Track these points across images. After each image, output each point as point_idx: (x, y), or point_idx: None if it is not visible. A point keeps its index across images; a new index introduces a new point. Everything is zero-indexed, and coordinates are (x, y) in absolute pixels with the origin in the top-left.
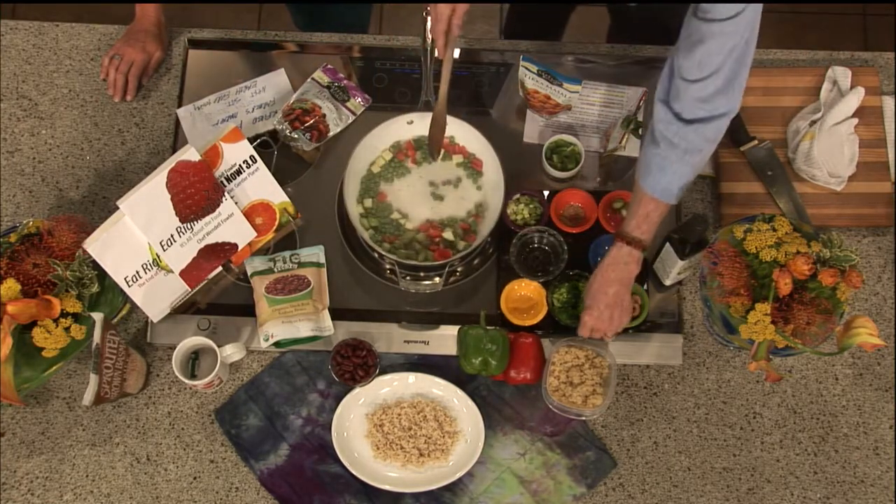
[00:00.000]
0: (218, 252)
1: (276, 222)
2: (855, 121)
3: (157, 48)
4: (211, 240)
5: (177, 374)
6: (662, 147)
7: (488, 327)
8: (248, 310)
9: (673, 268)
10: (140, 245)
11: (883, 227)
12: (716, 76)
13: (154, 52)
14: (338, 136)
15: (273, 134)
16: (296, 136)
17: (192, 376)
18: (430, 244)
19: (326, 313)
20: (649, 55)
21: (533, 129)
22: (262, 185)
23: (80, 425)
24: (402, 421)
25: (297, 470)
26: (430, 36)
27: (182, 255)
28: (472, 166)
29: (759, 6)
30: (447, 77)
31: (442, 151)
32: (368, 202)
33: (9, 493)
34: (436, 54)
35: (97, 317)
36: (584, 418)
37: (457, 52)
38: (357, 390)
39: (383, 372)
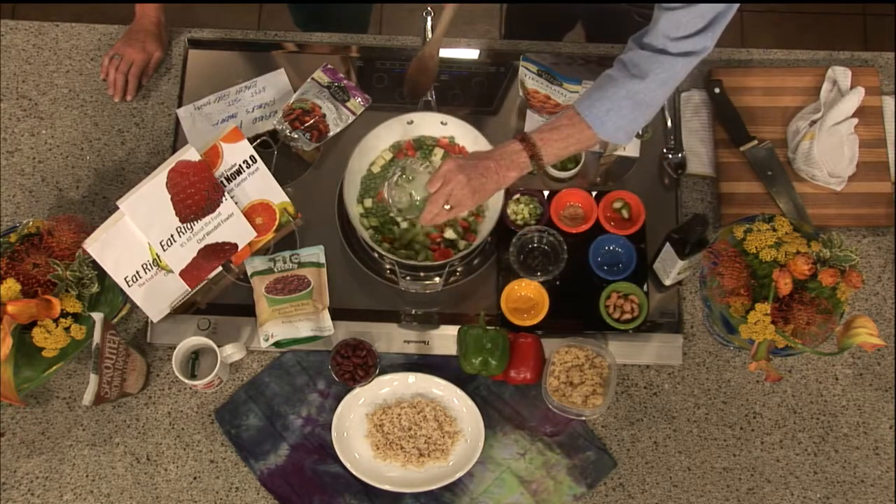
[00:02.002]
0: (218, 252)
1: (276, 222)
2: (855, 121)
3: (157, 48)
4: (211, 240)
5: (177, 374)
6: (613, 69)
7: (488, 327)
8: (248, 310)
9: (673, 268)
10: (140, 245)
11: (883, 227)
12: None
13: (154, 52)
14: (338, 136)
15: (273, 134)
16: (296, 136)
17: (192, 376)
18: (431, 244)
19: (326, 313)
20: None
21: (533, 129)
22: (262, 185)
23: (80, 425)
24: (402, 421)
25: (297, 470)
26: (429, 35)
27: (182, 255)
28: None
29: None
30: (447, 22)
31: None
32: (368, 202)
33: (9, 493)
34: None
35: (97, 317)
36: (584, 418)
37: (457, 52)
38: (357, 390)
39: (383, 372)
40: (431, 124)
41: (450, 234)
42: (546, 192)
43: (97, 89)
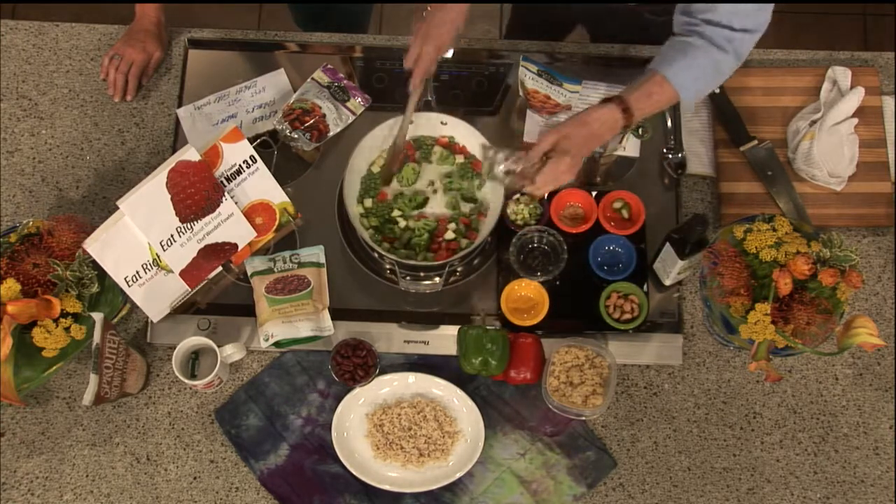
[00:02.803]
0: (218, 252)
1: (276, 222)
2: (855, 121)
3: (157, 48)
4: (211, 240)
5: (177, 374)
6: (691, 38)
7: (488, 327)
8: (248, 310)
9: (673, 268)
10: (140, 245)
11: (883, 227)
12: None
13: (154, 52)
14: (338, 136)
15: (273, 134)
16: (296, 136)
17: (192, 376)
18: (432, 243)
19: (326, 313)
20: (649, 55)
21: (533, 129)
22: (262, 185)
23: (80, 425)
24: (402, 421)
25: (297, 470)
26: (409, 64)
27: (182, 255)
28: (472, 166)
29: None
30: (412, 108)
31: (405, 168)
32: (368, 202)
33: (9, 493)
34: (411, 86)
35: (97, 317)
36: (584, 418)
37: (456, 53)
38: (357, 390)
39: (383, 372)
40: (431, 124)
41: (450, 233)
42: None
43: (97, 89)
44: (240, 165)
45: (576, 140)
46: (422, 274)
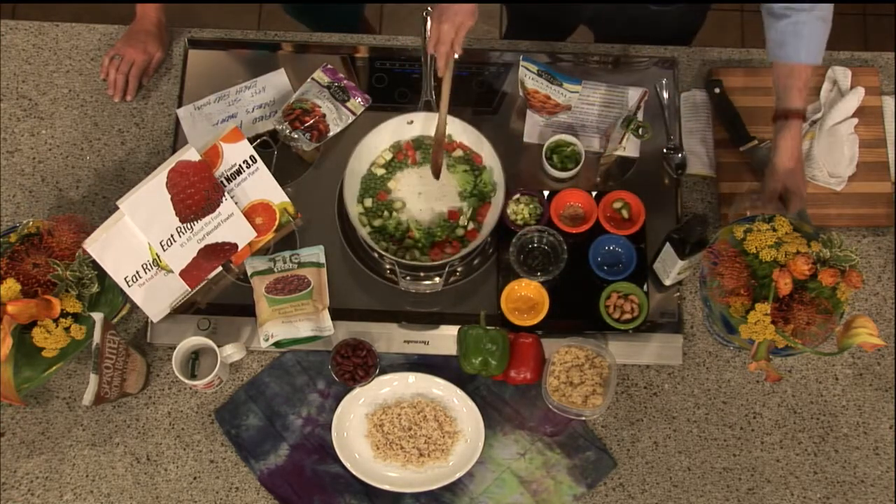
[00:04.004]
0: (218, 252)
1: (276, 222)
2: (855, 121)
3: (158, 49)
4: (211, 240)
5: (177, 374)
6: (791, 16)
7: (488, 327)
8: (248, 310)
9: (673, 268)
10: (140, 245)
11: (883, 227)
12: None
13: (155, 53)
14: (338, 136)
15: (273, 134)
16: (296, 136)
17: (192, 376)
18: (433, 246)
19: (326, 313)
20: (649, 55)
21: (533, 129)
22: (262, 185)
23: (80, 425)
24: (402, 421)
25: (297, 470)
26: (431, 49)
27: (182, 255)
28: (473, 160)
29: None
30: (447, 97)
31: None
32: (368, 202)
33: (9, 493)
34: (438, 73)
35: (97, 317)
36: (584, 418)
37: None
38: (357, 390)
39: (383, 372)
40: (431, 124)
41: (459, 230)
42: (546, 192)
43: (97, 89)
44: (240, 165)
45: (799, 174)
46: (422, 274)
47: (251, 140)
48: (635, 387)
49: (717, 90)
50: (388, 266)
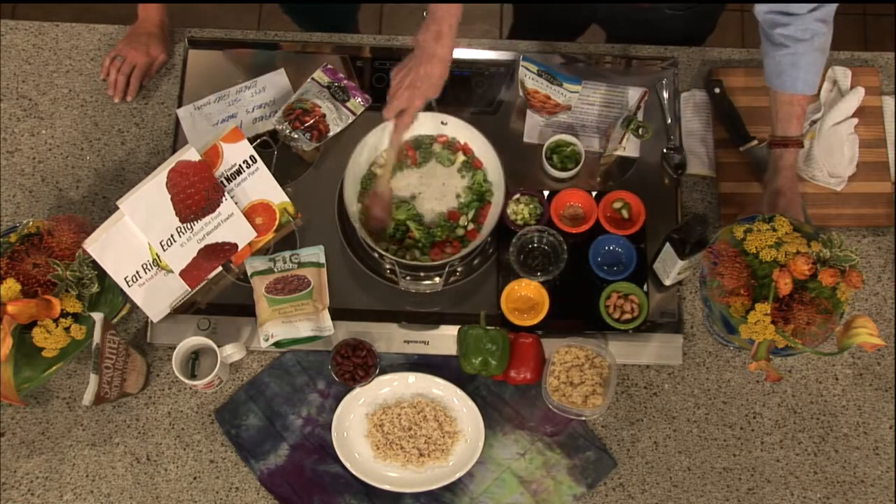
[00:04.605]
0: (218, 252)
1: (276, 222)
2: (855, 121)
3: (160, 51)
4: (211, 240)
5: (177, 374)
6: (789, 46)
7: (488, 327)
8: (248, 310)
9: (673, 268)
10: (140, 245)
11: (883, 227)
12: None
13: (157, 55)
14: (338, 136)
15: (273, 134)
16: (296, 136)
17: (192, 376)
18: (433, 247)
19: (326, 313)
20: (649, 55)
21: (533, 129)
22: (262, 185)
23: (80, 425)
24: (402, 421)
25: (297, 470)
26: (389, 115)
27: (182, 255)
28: (473, 165)
29: None
30: (389, 170)
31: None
32: (369, 202)
33: (9, 493)
34: (390, 141)
35: (97, 317)
36: (584, 418)
37: (457, 52)
38: (357, 390)
39: (383, 372)
40: (431, 124)
41: (460, 230)
42: (546, 192)
43: (97, 89)
44: (240, 165)
45: (795, 205)
46: (422, 274)
47: (251, 140)
48: (635, 387)
49: (717, 90)
50: (388, 266)
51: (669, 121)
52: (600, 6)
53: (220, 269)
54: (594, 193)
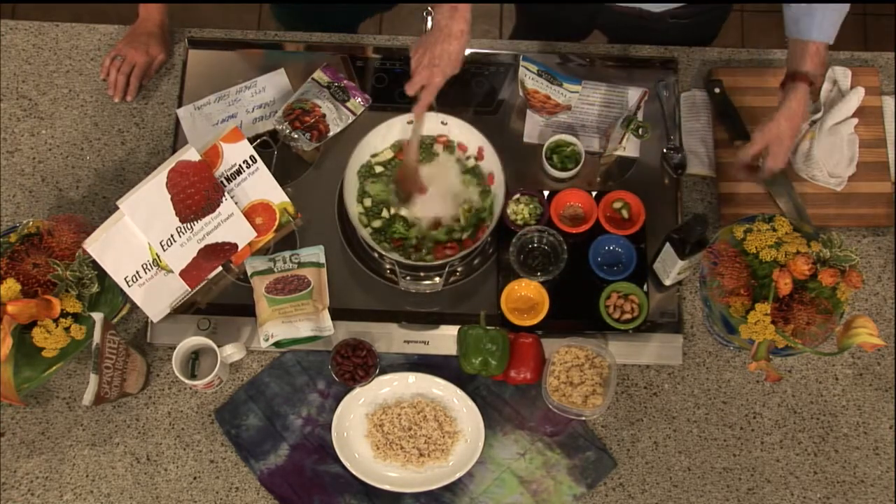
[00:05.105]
0: (218, 252)
1: (276, 222)
2: (855, 121)
3: (160, 51)
4: (211, 240)
5: (177, 374)
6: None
7: (488, 327)
8: (248, 310)
9: (673, 268)
10: (140, 245)
11: (883, 227)
12: None
13: (157, 56)
14: (338, 136)
15: (273, 134)
16: (296, 136)
17: (192, 376)
18: (435, 247)
19: (326, 313)
20: (649, 55)
21: (533, 129)
22: (262, 185)
23: (80, 425)
24: (402, 421)
25: (297, 470)
26: (412, 91)
27: (182, 255)
28: (483, 179)
29: None
30: (416, 143)
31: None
32: (368, 202)
33: (9, 493)
34: (413, 115)
35: (97, 317)
36: (584, 418)
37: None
38: (357, 390)
39: (383, 372)
40: (431, 124)
41: (457, 234)
42: (546, 192)
43: (97, 89)
44: (240, 165)
45: (788, 138)
46: (422, 274)
47: (251, 140)
48: (635, 387)
49: (717, 90)
50: (388, 266)
51: (669, 121)
52: (600, 12)
53: (220, 269)
54: (594, 193)
